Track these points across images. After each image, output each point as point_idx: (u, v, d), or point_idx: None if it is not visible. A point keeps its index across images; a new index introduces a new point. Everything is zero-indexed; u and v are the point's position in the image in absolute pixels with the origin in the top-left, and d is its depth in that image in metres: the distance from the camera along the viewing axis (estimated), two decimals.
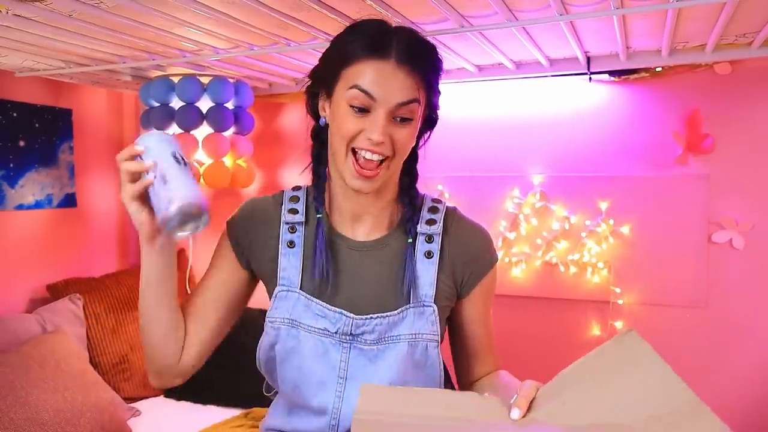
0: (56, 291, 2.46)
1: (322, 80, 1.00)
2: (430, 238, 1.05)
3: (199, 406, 2.39)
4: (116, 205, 2.92)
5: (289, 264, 1.05)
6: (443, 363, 1.06)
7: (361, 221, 1.06)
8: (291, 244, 1.05)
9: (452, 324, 1.13)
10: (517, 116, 2.47)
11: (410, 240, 1.05)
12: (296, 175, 2.79)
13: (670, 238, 2.26)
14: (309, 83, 1.05)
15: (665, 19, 1.62)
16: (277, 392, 1.14)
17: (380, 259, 1.05)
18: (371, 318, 1.01)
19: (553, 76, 2.28)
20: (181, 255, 2.77)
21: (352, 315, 1.01)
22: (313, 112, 1.05)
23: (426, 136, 1.07)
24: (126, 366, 2.42)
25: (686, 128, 2.21)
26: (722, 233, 2.20)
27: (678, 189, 2.24)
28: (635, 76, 2.24)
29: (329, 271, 1.02)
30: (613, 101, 2.33)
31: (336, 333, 1.01)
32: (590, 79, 2.24)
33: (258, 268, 1.09)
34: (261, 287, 1.13)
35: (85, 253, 2.73)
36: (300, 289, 1.03)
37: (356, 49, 0.93)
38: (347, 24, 1.01)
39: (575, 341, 2.39)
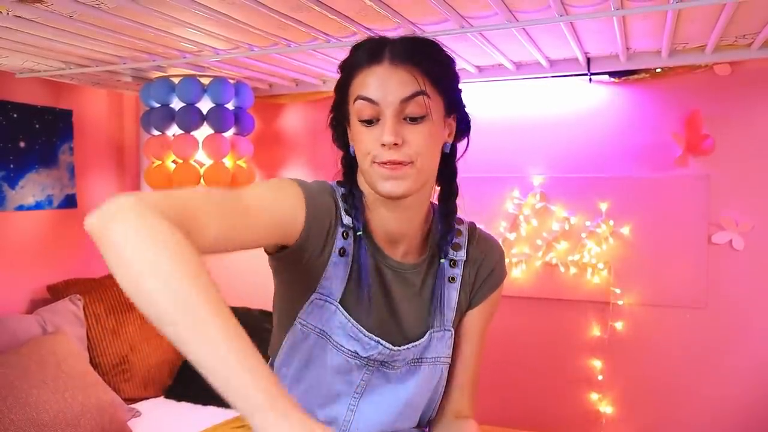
0: (56, 292, 2.46)
1: (340, 108, 0.99)
2: (454, 263, 1.04)
3: (199, 406, 2.38)
4: None
5: (335, 273, 0.96)
6: None
7: (398, 245, 1.02)
8: (342, 252, 0.96)
9: None
10: (517, 117, 2.47)
11: (441, 261, 1.03)
12: (296, 175, 2.81)
13: (670, 239, 2.26)
14: (331, 116, 1.02)
15: (665, 20, 1.63)
16: None
17: (414, 283, 1.03)
18: (407, 348, 1.00)
19: (553, 77, 2.28)
20: None
21: (389, 346, 0.99)
22: (340, 142, 1.03)
23: (464, 144, 1.03)
24: (126, 367, 2.42)
25: (686, 129, 2.21)
26: (722, 234, 2.20)
27: (678, 190, 2.24)
28: (635, 77, 2.24)
29: (370, 292, 0.98)
30: (613, 102, 2.33)
31: (366, 358, 0.99)
32: (590, 80, 2.24)
33: (300, 257, 0.94)
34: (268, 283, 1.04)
35: (86, 253, 2.73)
36: (339, 302, 0.97)
37: (355, 63, 0.94)
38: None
39: (575, 342, 2.38)
